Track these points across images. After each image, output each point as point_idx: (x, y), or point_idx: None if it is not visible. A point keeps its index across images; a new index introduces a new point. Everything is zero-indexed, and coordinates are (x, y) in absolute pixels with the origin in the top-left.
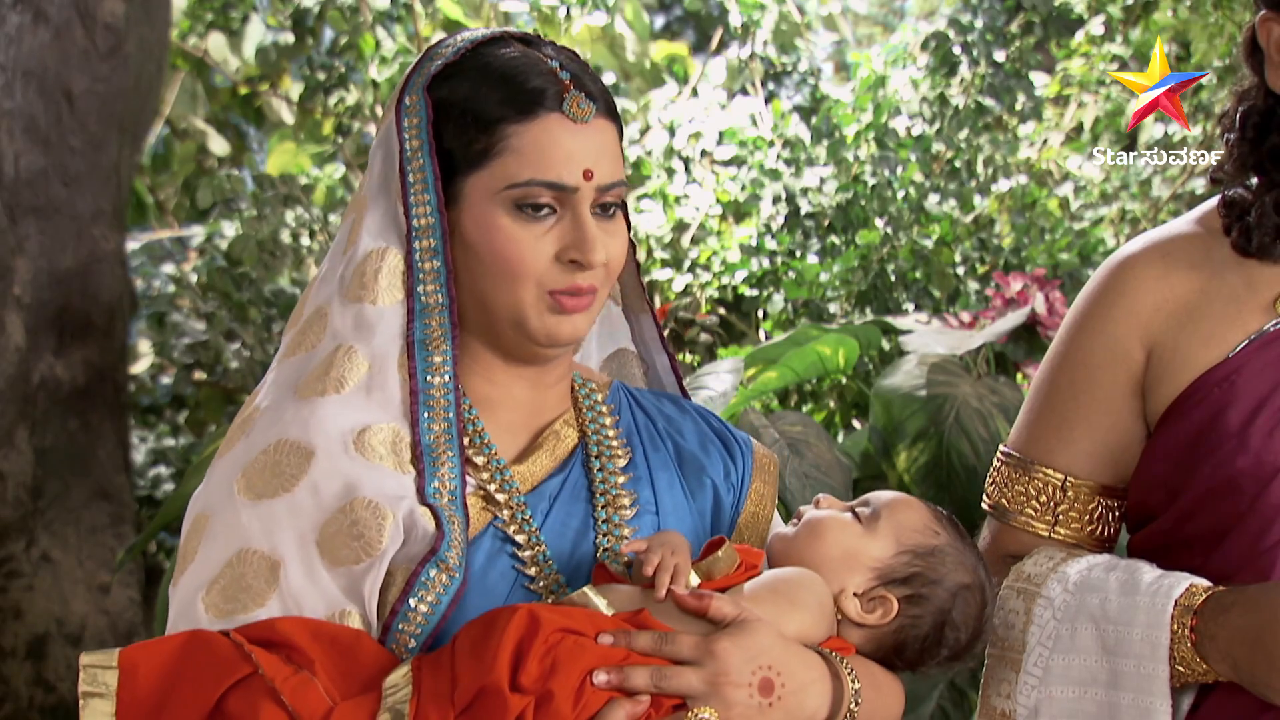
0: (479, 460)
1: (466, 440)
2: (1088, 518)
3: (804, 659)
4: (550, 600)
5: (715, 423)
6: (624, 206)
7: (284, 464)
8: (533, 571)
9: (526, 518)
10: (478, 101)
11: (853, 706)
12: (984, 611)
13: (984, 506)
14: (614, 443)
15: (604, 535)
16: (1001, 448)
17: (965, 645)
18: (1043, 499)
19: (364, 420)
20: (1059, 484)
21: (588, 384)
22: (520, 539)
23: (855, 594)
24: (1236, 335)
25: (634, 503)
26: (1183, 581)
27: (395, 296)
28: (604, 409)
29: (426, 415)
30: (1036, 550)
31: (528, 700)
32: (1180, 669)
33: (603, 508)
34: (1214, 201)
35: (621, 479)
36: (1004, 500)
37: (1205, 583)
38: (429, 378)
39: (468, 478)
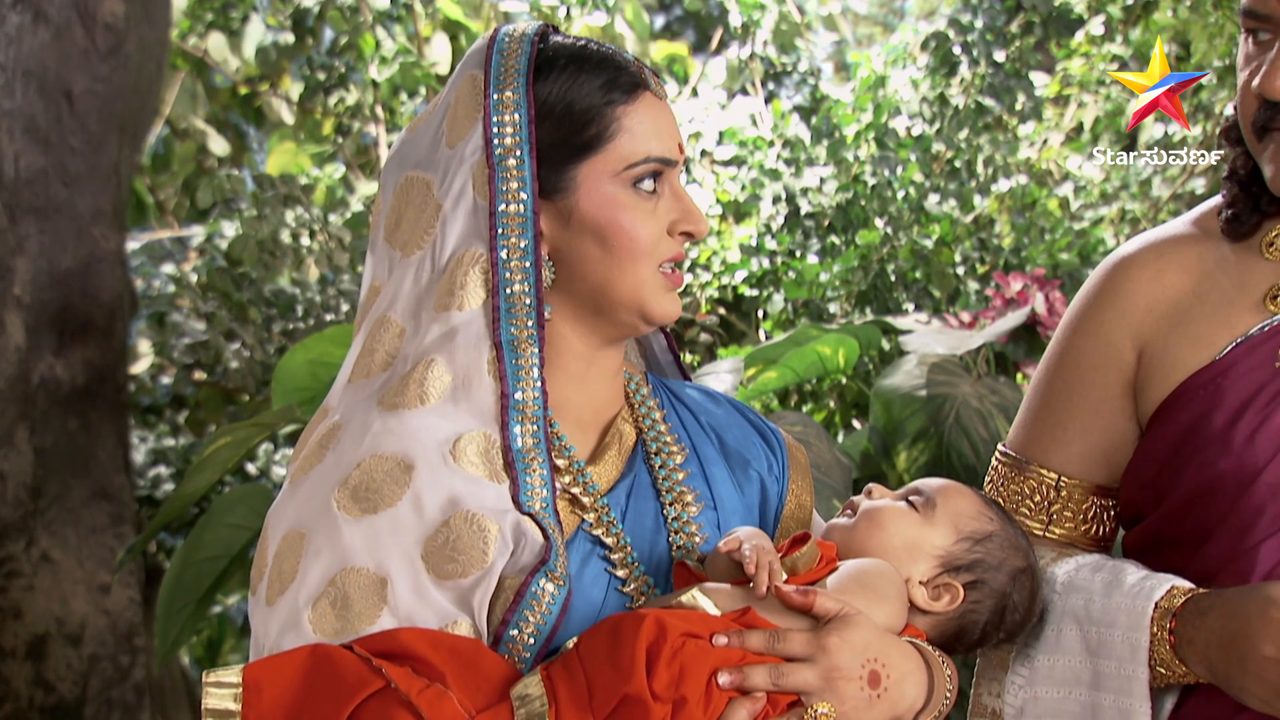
0: (560, 463)
1: None
2: (1082, 517)
3: (902, 650)
4: (641, 601)
5: (751, 416)
6: None
7: (383, 478)
8: (623, 574)
9: (612, 519)
10: (580, 88)
11: (948, 690)
12: (1036, 594)
13: None
14: (667, 438)
15: (675, 533)
16: (1000, 447)
17: (1019, 626)
18: (1037, 499)
19: (456, 430)
20: (1053, 484)
21: (633, 379)
22: (609, 541)
23: (920, 582)
24: (1225, 338)
25: (697, 499)
26: (1164, 584)
27: (479, 298)
28: (652, 403)
29: (517, 422)
30: None
31: (667, 708)
32: (1160, 670)
33: (670, 505)
34: (1211, 203)
35: (681, 475)
36: (999, 499)
37: (1187, 585)
38: (519, 382)
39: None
